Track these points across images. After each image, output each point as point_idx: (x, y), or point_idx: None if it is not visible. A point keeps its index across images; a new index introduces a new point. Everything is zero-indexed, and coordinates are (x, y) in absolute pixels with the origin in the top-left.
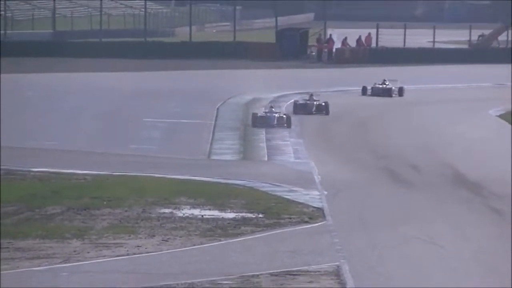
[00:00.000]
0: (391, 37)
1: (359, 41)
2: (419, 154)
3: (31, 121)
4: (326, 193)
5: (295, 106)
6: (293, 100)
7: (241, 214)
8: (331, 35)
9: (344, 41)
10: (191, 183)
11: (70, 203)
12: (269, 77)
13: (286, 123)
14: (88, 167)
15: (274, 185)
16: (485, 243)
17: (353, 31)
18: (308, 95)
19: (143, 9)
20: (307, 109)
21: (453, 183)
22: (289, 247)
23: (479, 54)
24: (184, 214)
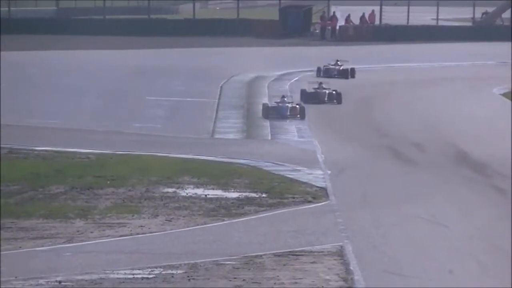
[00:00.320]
0: (394, 15)
1: (362, 18)
2: (423, 132)
3: (34, 99)
4: (329, 172)
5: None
6: (297, 77)
7: (244, 193)
8: (334, 13)
9: (347, 19)
10: (195, 162)
11: (73, 182)
12: (272, 55)
13: (299, 113)
14: (91, 146)
15: (277, 164)
16: (488, 223)
17: (356, 8)
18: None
19: None
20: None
21: (457, 162)
22: (292, 227)
23: (483, 31)
24: (187, 193)
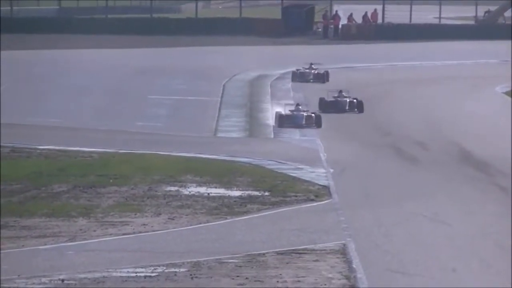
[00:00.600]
0: (397, 13)
1: (365, 17)
2: (426, 131)
3: (36, 98)
4: (332, 170)
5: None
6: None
7: (247, 192)
8: (337, 11)
9: (350, 17)
10: (197, 160)
11: (76, 181)
12: (274, 54)
13: (315, 122)
14: (94, 145)
15: (280, 162)
16: (491, 221)
17: (359, 7)
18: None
19: None
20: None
21: (459, 161)
22: (295, 225)
23: (485, 30)
24: (190, 192)
